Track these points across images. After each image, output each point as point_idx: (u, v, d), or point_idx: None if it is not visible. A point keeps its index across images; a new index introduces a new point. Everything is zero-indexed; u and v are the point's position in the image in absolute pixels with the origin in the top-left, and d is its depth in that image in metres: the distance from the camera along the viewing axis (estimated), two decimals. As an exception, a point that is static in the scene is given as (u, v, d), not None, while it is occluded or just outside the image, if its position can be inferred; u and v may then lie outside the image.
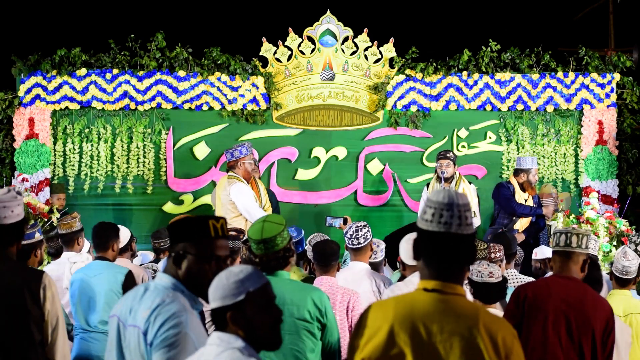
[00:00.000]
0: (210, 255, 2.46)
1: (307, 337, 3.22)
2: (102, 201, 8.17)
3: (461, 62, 8.29)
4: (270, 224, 3.24)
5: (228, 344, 2.14)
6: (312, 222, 8.16)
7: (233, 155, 6.63)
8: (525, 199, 7.29)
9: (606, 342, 3.23)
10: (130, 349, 2.45)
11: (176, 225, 2.51)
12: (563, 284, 3.33)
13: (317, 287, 3.49)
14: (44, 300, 3.19)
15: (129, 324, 2.46)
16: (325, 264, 4.25)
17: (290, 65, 8.29)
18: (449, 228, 2.07)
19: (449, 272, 2.10)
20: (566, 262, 3.38)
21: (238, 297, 2.15)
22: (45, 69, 8.01)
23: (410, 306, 2.09)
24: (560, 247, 3.39)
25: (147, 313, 2.40)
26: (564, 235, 3.38)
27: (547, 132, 8.39)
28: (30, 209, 7.16)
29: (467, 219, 2.10)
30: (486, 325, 2.04)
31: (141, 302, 2.46)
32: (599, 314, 3.23)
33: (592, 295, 3.32)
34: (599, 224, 7.05)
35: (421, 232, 2.12)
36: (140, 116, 8.21)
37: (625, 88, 8.42)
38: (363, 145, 8.41)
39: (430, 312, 2.06)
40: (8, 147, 8.19)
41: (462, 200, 2.11)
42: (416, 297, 2.11)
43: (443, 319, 2.04)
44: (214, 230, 2.47)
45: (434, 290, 2.09)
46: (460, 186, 7.23)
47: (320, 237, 5.22)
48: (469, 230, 2.09)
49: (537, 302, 3.33)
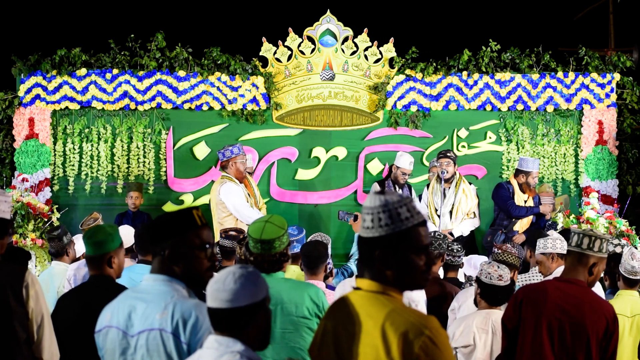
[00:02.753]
0: (202, 243, 2.45)
1: (307, 333, 3.24)
2: (102, 201, 8.17)
3: (461, 62, 8.29)
4: (272, 225, 3.24)
5: (227, 348, 2.10)
6: (312, 222, 8.16)
7: (224, 156, 6.76)
8: (524, 199, 7.28)
9: (606, 348, 3.16)
10: (141, 356, 2.37)
11: (161, 223, 2.47)
12: (561, 289, 3.26)
13: (312, 284, 3.50)
14: (27, 298, 3.17)
15: (137, 331, 2.38)
16: (313, 267, 4.24)
17: (290, 65, 8.29)
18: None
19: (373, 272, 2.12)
20: (575, 264, 3.31)
21: (265, 294, 2.16)
22: (45, 69, 8.01)
23: (340, 305, 2.16)
24: (576, 248, 3.30)
25: (166, 314, 2.33)
26: (587, 237, 3.28)
27: (547, 132, 8.39)
28: (30, 209, 7.17)
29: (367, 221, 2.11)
30: (391, 325, 2.00)
31: (144, 306, 2.39)
32: (596, 319, 3.16)
33: (591, 299, 3.24)
34: (599, 224, 7.05)
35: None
36: (140, 116, 8.21)
37: (625, 88, 8.42)
38: (363, 145, 8.41)
39: (350, 310, 2.11)
40: (8, 147, 8.19)
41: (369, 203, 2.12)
42: (349, 296, 2.16)
43: (354, 317, 2.08)
44: (199, 219, 2.47)
45: (359, 288, 2.14)
46: (460, 186, 7.23)
47: (322, 237, 5.22)
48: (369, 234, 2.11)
49: (532, 307, 3.28)
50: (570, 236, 3.36)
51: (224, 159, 6.76)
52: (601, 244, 3.30)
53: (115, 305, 2.49)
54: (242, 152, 6.87)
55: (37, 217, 7.20)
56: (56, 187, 8.14)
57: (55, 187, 8.14)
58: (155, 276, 2.46)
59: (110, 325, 2.45)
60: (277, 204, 8.26)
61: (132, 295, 2.46)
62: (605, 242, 3.30)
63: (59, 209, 7.71)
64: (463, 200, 7.19)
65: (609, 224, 7.12)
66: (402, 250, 2.05)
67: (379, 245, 2.06)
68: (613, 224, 7.13)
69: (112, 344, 2.44)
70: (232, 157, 6.75)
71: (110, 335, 2.45)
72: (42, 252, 7.03)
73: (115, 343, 2.43)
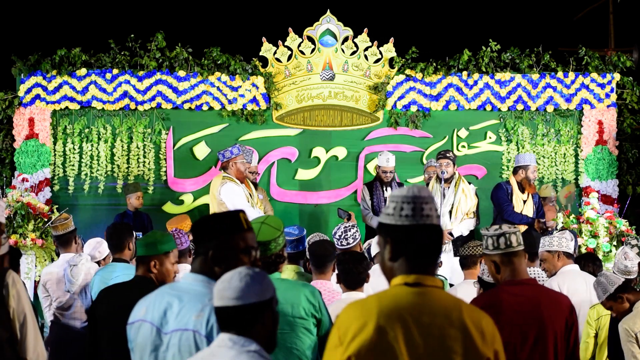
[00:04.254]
0: (247, 247, 2.43)
1: (304, 334, 3.23)
2: (102, 201, 8.18)
3: (461, 62, 8.29)
4: (268, 227, 3.23)
5: (242, 347, 2.07)
6: (312, 222, 8.16)
7: (224, 156, 6.74)
8: (524, 199, 7.24)
9: (568, 339, 3.12)
10: (172, 355, 2.34)
11: (207, 223, 2.45)
12: (514, 293, 3.12)
13: (308, 284, 3.50)
14: (8, 298, 3.16)
15: (171, 330, 2.35)
16: (320, 265, 4.23)
17: (290, 65, 8.29)
18: (427, 220, 2.10)
19: (426, 265, 2.12)
20: (514, 264, 3.15)
21: (273, 293, 2.15)
22: (45, 69, 8.02)
23: (394, 302, 2.07)
24: (501, 249, 3.14)
25: (202, 316, 2.31)
26: (503, 237, 3.13)
27: (547, 132, 8.39)
28: (30, 209, 7.17)
29: (422, 210, 2.11)
30: (470, 315, 2.08)
31: (181, 305, 2.36)
32: (554, 315, 3.10)
33: (547, 295, 3.16)
34: (599, 224, 7.04)
35: (396, 228, 2.11)
36: (140, 116, 8.21)
37: (625, 88, 8.42)
38: (363, 145, 8.41)
39: (417, 305, 2.06)
40: (8, 147, 8.20)
41: (424, 192, 2.13)
42: (399, 292, 2.10)
43: (431, 311, 2.05)
44: (245, 223, 2.45)
45: (415, 284, 2.09)
46: (459, 186, 7.22)
47: (320, 237, 5.22)
48: (437, 221, 2.13)
49: (492, 316, 3.22)
50: (491, 240, 3.17)
51: (224, 160, 6.74)
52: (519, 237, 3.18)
53: (151, 299, 2.46)
54: (242, 153, 6.85)
55: (37, 217, 7.20)
56: (56, 187, 8.14)
57: (55, 187, 8.14)
58: (195, 276, 2.44)
59: (144, 319, 2.42)
60: (277, 204, 8.25)
61: (170, 292, 2.43)
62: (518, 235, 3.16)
63: (59, 209, 7.68)
64: (462, 200, 7.18)
65: (609, 224, 7.11)
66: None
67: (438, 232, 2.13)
68: (613, 224, 7.12)
69: (144, 339, 2.41)
70: (232, 157, 6.73)
71: (142, 330, 2.42)
72: (42, 252, 7.03)
73: (148, 339, 2.40)
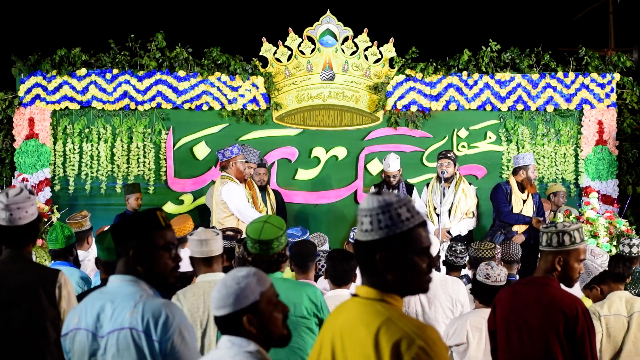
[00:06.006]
0: (166, 244, 2.47)
1: (306, 333, 3.24)
2: (102, 201, 8.17)
3: (461, 62, 8.29)
4: (271, 226, 3.24)
5: (240, 348, 2.15)
6: (312, 222, 8.17)
7: (224, 156, 6.72)
8: (523, 199, 7.24)
9: (574, 341, 3.05)
10: (112, 356, 2.38)
11: (125, 224, 2.50)
12: (523, 292, 3.18)
13: (309, 284, 3.49)
14: (60, 299, 3.19)
15: (107, 332, 2.39)
16: (302, 265, 4.22)
17: (290, 65, 8.29)
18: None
19: (371, 278, 2.02)
20: (539, 262, 3.22)
21: (252, 299, 2.17)
22: (45, 69, 8.02)
23: (339, 313, 2.07)
24: (542, 246, 3.18)
25: (136, 312, 2.36)
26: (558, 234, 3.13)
27: (547, 132, 8.39)
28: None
29: (362, 224, 2.00)
30: (384, 334, 1.91)
31: (113, 306, 2.40)
32: (551, 315, 3.08)
33: (552, 296, 3.12)
34: (599, 224, 7.05)
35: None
36: (140, 116, 8.21)
37: (625, 88, 8.42)
38: (363, 145, 8.41)
39: (349, 319, 2.01)
40: (8, 147, 8.20)
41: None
42: (347, 304, 2.07)
43: (349, 326, 1.99)
44: (163, 221, 2.50)
45: (357, 295, 2.04)
46: (460, 186, 7.23)
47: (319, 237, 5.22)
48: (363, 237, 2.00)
49: (502, 310, 3.27)
50: (552, 236, 3.22)
51: (224, 159, 6.72)
52: (548, 237, 3.16)
53: (82, 307, 2.48)
54: (242, 152, 6.84)
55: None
56: (56, 187, 8.15)
57: (55, 187, 8.14)
58: (121, 277, 2.47)
59: (78, 327, 2.44)
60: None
61: (101, 297, 2.47)
62: (558, 235, 3.13)
63: (59, 209, 7.70)
64: (462, 200, 7.19)
65: (609, 224, 7.11)
66: (404, 253, 1.95)
67: (379, 249, 1.95)
68: (613, 224, 7.12)
69: (81, 346, 2.43)
70: (232, 157, 6.71)
71: (78, 338, 2.44)
72: (42, 252, 7.02)
73: (85, 345, 2.42)
